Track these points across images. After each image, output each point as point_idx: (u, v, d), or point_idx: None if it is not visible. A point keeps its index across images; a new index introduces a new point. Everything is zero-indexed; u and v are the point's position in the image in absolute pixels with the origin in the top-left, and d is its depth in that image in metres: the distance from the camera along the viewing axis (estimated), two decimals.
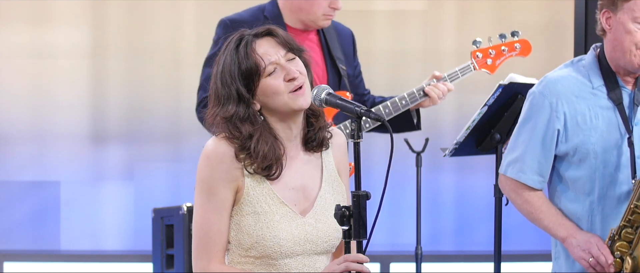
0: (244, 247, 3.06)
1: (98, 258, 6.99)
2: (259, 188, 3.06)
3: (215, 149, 3.05)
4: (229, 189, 3.05)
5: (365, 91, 4.93)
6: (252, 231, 3.04)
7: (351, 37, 4.89)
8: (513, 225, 6.39)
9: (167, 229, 5.68)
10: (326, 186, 3.16)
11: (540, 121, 3.81)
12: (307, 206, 3.11)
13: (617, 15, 3.73)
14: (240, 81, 3.04)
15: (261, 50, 3.06)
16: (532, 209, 3.87)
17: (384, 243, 6.89)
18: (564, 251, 3.88)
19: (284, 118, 3.08)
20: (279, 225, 3.05)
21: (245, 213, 3.06)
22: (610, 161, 3.78)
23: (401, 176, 6.06)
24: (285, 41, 3.09)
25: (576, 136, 3.79)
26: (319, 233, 3.10)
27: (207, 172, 3.05)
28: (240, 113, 3.04)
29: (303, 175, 3.13)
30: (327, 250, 3.13)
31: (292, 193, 3.10)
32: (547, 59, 6.84)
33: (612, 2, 3.75)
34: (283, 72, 3.06)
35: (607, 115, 3.80)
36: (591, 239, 3.75)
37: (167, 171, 6.87)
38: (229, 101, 3.05)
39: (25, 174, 7.02)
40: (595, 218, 3.81)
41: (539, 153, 3.83)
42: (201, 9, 7.01)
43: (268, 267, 3.07)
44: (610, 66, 3.81)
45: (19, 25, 6.99)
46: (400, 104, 4.74)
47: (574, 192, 3.84)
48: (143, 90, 7.04)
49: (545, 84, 3.84)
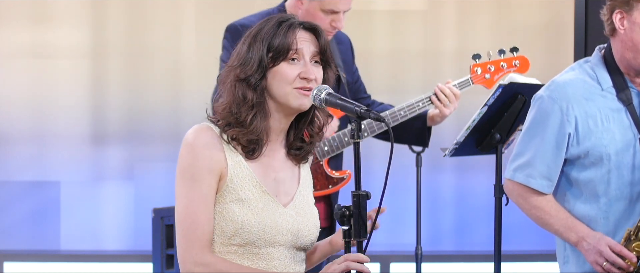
0: (226, 235, 3.05)
1: (98, 258, 6.99)
2: (242, 175, 3.06)
3: (197, 137, 3.05)
4: (213, 176, 3.03)
5: (365, 95, 4.96)
6: (237, 218, 3.04)
7: (350, 44, 4.95)
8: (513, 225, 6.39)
9: (167, 229, 5.69)
10: (304, 185, 3.19)
11: (551, 125, 3.79)
12: (288, 199, 3.13)
13: (632, 15, 3.71)
14: (267, 51, 3.05)
15: (299, 38, 3.08)
16: (542, 214, 3.86)
17: (384, 243, 6.89)
18: (573, 254, 3.86)
19: (280, 108, 3.09)
20: (263, 212, 3.06)
21: (228, 201, 3.05)
22: (623, 162, 3.77)
23: (401, 176, 6.06)
24: (323, 46, 3.11)
25: (588, 139, 3.78)
26: (300, 226, 3.11)
27: (190, 160, 3.03)
28: (253, 80, 3.04)
29: (283, 169, 3.15)
30: (306, 246, 3.15)
31: (274, 184, 3.11)
32: (547, 59, 6.84)
33: (626, 2, 3.72)
34: (302, 67, 3.07)
35: (618, 117, 3.78)
36: (603, 241, 3.73)
37: (167, 171, 6.86)
38: (249, 63, 3.05)
39: (25, 174, 7.02)
40: (610, 219, 3.80)
41: (549, 158, 3.82)
42: (201, 9, 7.01)
43: (251, 256, 3.06)
44: (618, 67, 3.79)
45: (19, 25, 6.99)
46: (399, 114, 4.78)
47: (587, 195, 3.82)
48: (143, 90, 7.04)
49: (554, 88, 3.82)
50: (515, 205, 3.97)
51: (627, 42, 3.74)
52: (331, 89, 3.08)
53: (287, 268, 3.10)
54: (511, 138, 4.48)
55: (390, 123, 4.75)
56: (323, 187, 4.77)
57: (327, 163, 4.79)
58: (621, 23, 3.74)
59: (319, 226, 3.20)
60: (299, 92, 3.06)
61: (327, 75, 3.13)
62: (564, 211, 3.85)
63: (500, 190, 4.31)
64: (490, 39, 6.96)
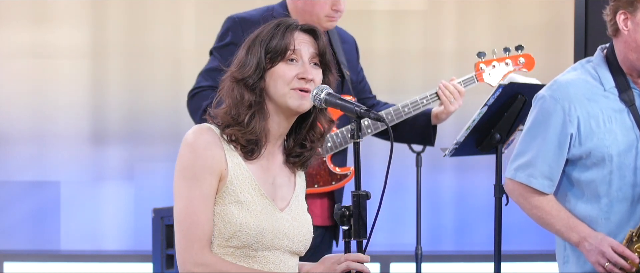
0: (224, 237, 3.04)
1: (98, 258, 6.99)
2: (242, 177, 3.06)
3: (198, 137, 3.05)
4: (214, 176, 3.03)
5: (370, 96, 4.96)
6: (236, 220, 3.03)
7: (354, 44, 4.95)
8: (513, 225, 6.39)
9: (167, 229, 5.68)
10: (299, 191, 3.19)
11: (553, 125, 3.79)
12: (284, 204, 3.13)
13: (637, 16, 3.70)
14: (265, 53, 3.06)
15: (297, 39, 3.08)
16: (543, 214, 3.86)
17: (384, 243, 6.89)
18: (573, 254, 3.87)
19: (279, 111, 3.08)
20: (261, 215, 3.06)
21: (227, 202, 3.05)
22: (625, 163, 3.77)
23: (401, 176, 6.06)
24: (322, 49, 3.11)
25: (590, 139, 3.78)
26: (295, 231, 3.11)
27: (191, 160, 3.03)
28: (250, 81, 3.05)
29: (280, 174, 3.15)
30: (299, 251, 3.15)
31: (271, 188, 3.11)
32: (547, 59, 6.83)
33: (631, 3, 3.71)
34: (300, 68, 3.07)
35: (620, 117, 3.78)
36: (605, 241, 3.73)
37: (167, 171, 6.86)
38: (247, 65, 3.05)
39: (25, 174, 7.01)
40: (612, 220, 3.79)
41: (551, 158, 3.81)
42: (201, 9, 7.01)
43: (248, 259, 3.06)
44: (620, 67, 3.79)
45: (19, 25, 6.99)
46: (403, 111, 4.77)
47: (588, 195, 3.82)
48: (143, 90, 7.04)
49: (557, 88, 3.81)
50: (516, 204, 3.97)
51: (630, 43, 3.74)
52: (331, 89, 3.08)
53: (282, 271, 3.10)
54: (511, 138, 4.48)
55: (394, 119, 4.75)
56: (326, 184, 4.76)
57: (330, 160, 4.78)
58: (625, 24, 3.73)
59: (312, 233, 3.19)
60: (297, 92, 3.06)
61: (327, 79, 3.12)
62: (565, 211, 3.85)
63: (500, 190, 4.31)
64: (490, 39, 6.96)
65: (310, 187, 4.60)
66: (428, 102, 4.81)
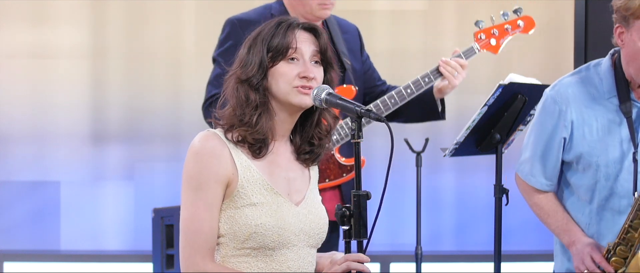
0: (239, 239, 3.05)
1: (98, 258, 6.99)
2: (252, 179, 3.07)
3: (204, 145, 3.06)
4: (220, 184, 3.04)
5: (379, 83, 4.93)
6: (251, 222, 3.04)
7: (357, 33, 4.92)
8: (513, 225, 6.39)
9: (167, 229, 5.68)
10: (314, 184, 3.20)
11: (547, 127, 3.82)
12: (300, 198, 3.14)
13: (631, 32, 3.71)
14: (267, 52, 3.07)
15: (298, 38, 3.09)
16: (541, 212, 3.91)
17: (384, 243, 6.89)
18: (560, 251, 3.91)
19: (283, 107, 3.10)
20: (276, 213, 3.07)
21: (239, 206, 3.06)
22: (612, 174, 3.78)
23: (401, 176, 6.06)
24: (323, 47, 3.12)
25: (581, 146, 3.79)
26: (312, 225, 3.12)
27: (196, 168, 3.04)
28: (254, 81, 3.06)
29: (292, 169, 3.16)
30: (317, 243, 3.16)
31: (285, 183, 3.12)
32: (547, 59, 6.83)
33: (624, 19, 3.72)
34: (301, 67, 3.08)
35: (614, 128, 3.79)
36: (587, 249, 3.77)
37: (167, 171, 6.86)
38: (250, 65, 3.07)
39: (25, 174, 7.02)
40: (592, 228, 3.83)
41: (546, 158, 3.85)
42: (201, 9, 7.01)
43: (265, 258, 3.07)
44: (625, 76, 3.80)
45: (19, 26, 6.99)
46: (406, 92, 4.76)
47: (577, 199, 3.86)
48: (143, 90, 7.04)
49: (558, 89, 3.84)
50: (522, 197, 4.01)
51: (627, 57, 3.76)
52: (332, 90, 3.08)
53: (300, 268, 3.11)
54: (511, 138, 4.48)
55: (397, 102, 4.72)
56: (337, 176, 4.74)
57: (338, 151, 4.76)
58: (620, 38, 3.76)
59: (328, 224, 3.20)
60: (298, 91, 3.07)
61: (329, 76, 3.14)
62: (562, 212, 3.88)
63: (500, 190, 4.32)
64: None
65: (321, 182, 4.59)
66: (430, 80, 4.78)
